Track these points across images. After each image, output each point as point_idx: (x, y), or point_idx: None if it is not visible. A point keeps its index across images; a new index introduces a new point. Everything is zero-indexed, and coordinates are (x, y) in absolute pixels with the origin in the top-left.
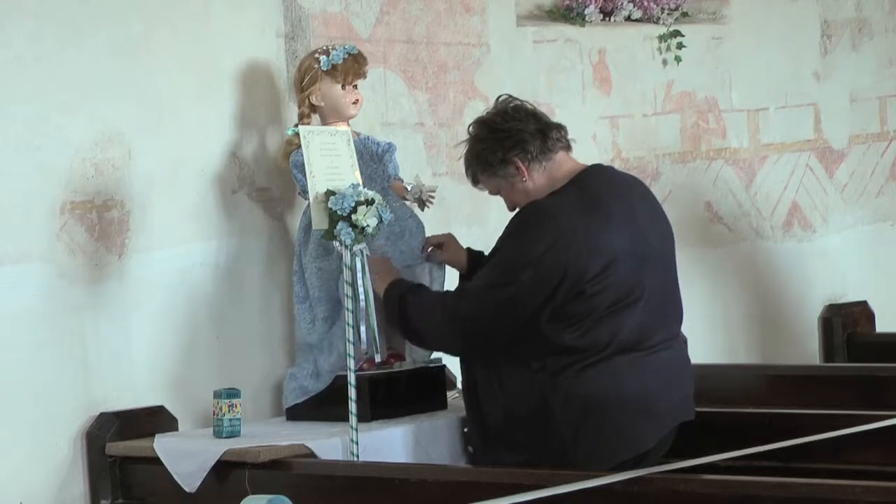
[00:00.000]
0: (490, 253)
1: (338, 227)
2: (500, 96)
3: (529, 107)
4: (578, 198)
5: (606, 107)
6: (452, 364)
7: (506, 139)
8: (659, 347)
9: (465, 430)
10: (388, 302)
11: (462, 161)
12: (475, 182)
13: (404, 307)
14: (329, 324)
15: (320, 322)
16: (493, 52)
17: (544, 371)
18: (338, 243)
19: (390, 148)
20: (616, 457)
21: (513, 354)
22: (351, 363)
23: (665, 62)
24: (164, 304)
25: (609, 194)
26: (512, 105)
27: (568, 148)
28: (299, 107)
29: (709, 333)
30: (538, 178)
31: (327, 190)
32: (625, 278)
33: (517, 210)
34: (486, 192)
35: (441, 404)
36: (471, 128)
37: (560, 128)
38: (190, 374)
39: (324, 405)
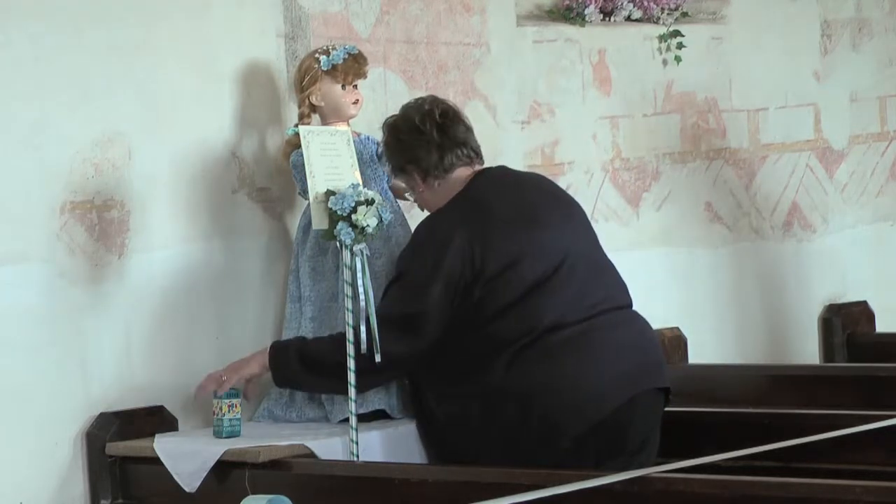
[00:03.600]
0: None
1: (338, 227)
2: (421, 99)
3: (441, 118)
4: (462, 208)
5: (606, 107)
6: None
7: (405, 150)
8: (598, 319)
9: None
10: (285, 365)
11: None
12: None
13: (308, 364)
14: (316, 324)
15: (307, 321)
16: (493, 52)
17: (474, 372)
18: (338, 243)
19: None
20: (570, 430)
21: (440, 366)
22: (351, 363)
23: (665, 62)
24: (164, 305)
25: (494, 197)
26: (421, 114)
27: (470, 163)
28: (299, 107)
29: (709, 333)
30: (433, 190)
31: (327, 190)
32: (528, 269)
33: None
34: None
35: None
36: (384, 125)
37: (465, 144)
38: (190, 374)
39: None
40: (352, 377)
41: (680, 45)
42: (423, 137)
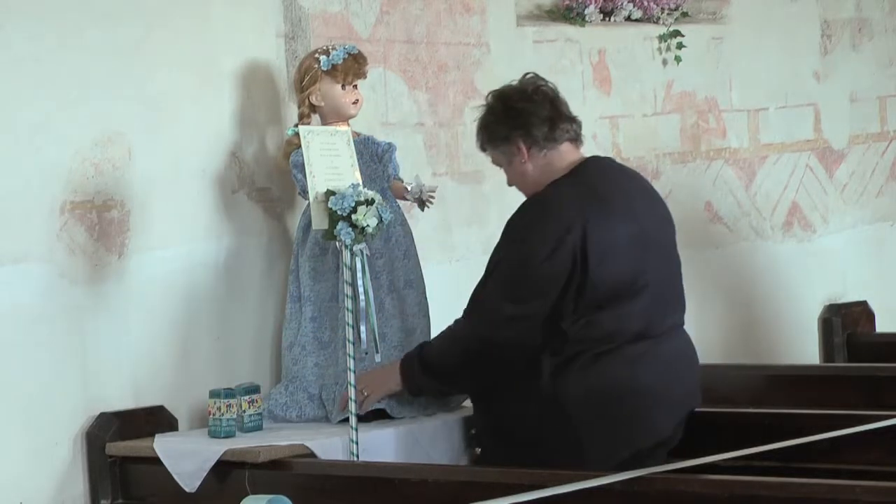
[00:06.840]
0: (494, 255)
1: (338, 227)
2: (527, 74)
3: (551, 92)
4: (577, 189)
5: (606, 107)
6: None
7: (515, 118)
8: (666, 336)
9: (473, 431)
10: (412, 377)
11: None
12: (482, 149)
13: (433, 372)
14: (316, 324)
15: (307, 321)
16: (493, 52)
17: (553, 366)
18: (338, 243)
19: (390, 148)
20: (633, 445)
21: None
22: (351, 363)
23: (665, 62)
24: (164, 305)
25: (607, 185)
26: (534, 86)
27: (576, 140)
28: (299, 107)
29: (708, 333)
30: (537, 162)
31: (327, 190)
32: (626, 268)
33: (518, 209)
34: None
35: (444, 406)
36: (489, 97)
37: (573, 120)
38: (190, 374)
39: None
40: (351, 377)
41: (680, 45)
42: (535, 107)
